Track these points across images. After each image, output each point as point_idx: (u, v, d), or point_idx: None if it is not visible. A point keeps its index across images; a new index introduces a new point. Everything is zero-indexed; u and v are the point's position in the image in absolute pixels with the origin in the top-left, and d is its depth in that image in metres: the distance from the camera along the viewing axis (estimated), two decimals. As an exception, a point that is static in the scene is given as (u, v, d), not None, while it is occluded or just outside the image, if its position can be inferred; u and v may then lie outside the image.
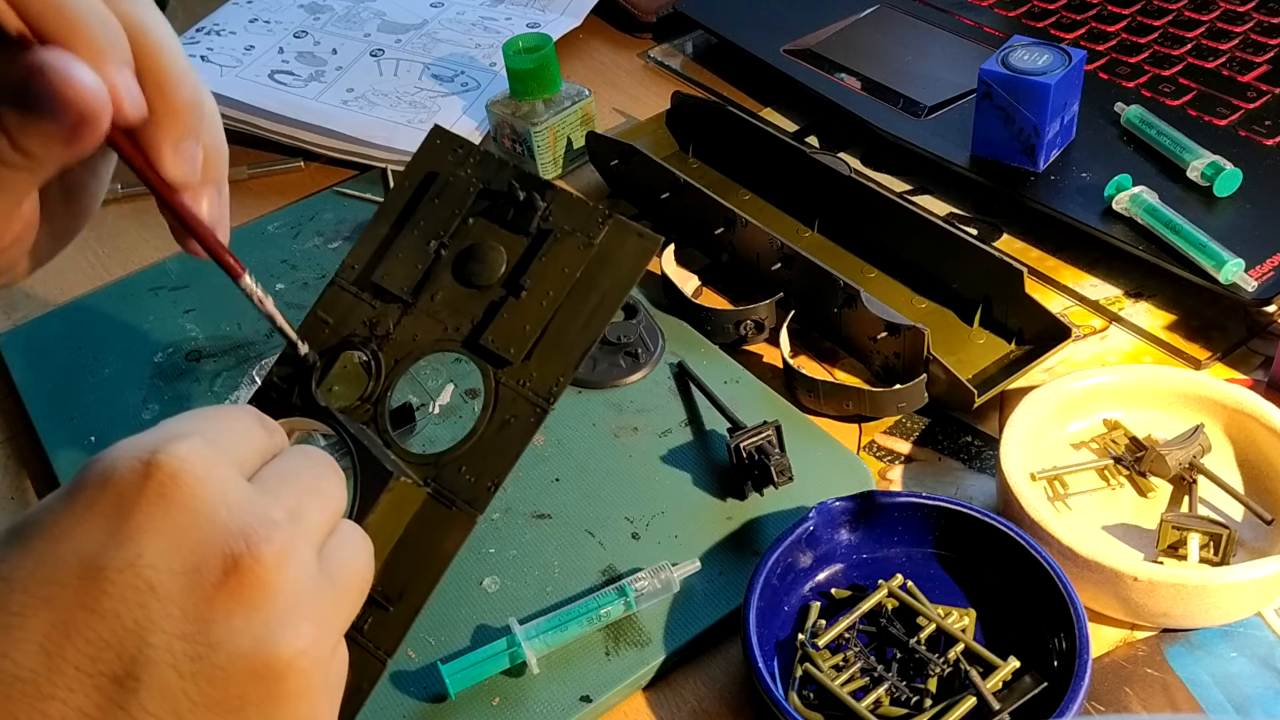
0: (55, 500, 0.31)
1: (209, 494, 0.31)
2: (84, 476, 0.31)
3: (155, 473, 0.30)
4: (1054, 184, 0.69)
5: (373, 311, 0.43)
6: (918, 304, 0.65)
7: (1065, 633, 0.46)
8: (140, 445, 0.31)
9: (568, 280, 0.41)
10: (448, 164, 0.44)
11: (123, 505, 0.30)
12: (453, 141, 0.44)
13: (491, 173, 0.43)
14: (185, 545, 0.30)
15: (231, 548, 0.30)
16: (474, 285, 0.42)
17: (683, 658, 0.51)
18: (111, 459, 0.31)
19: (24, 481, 0.64)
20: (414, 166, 0.45)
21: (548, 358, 0.40)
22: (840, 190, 0.69)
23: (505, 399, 0.41)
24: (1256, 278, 0.60)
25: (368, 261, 0.44)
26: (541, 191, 0.42)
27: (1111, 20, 0.82)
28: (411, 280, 0.43)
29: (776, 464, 0.54)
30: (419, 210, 0.44)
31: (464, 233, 0.43)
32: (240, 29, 0.95)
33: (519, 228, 0.42)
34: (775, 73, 0.83)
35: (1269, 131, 0.70)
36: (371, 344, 0.43)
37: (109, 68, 0.33)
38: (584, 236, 0.41)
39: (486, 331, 0.41)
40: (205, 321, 0.70)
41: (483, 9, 0.98)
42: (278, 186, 0.84)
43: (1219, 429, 0.55)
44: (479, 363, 0.41)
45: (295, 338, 0.42)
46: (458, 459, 0.40)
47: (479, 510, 0.40)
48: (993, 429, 0.59)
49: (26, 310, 0.75)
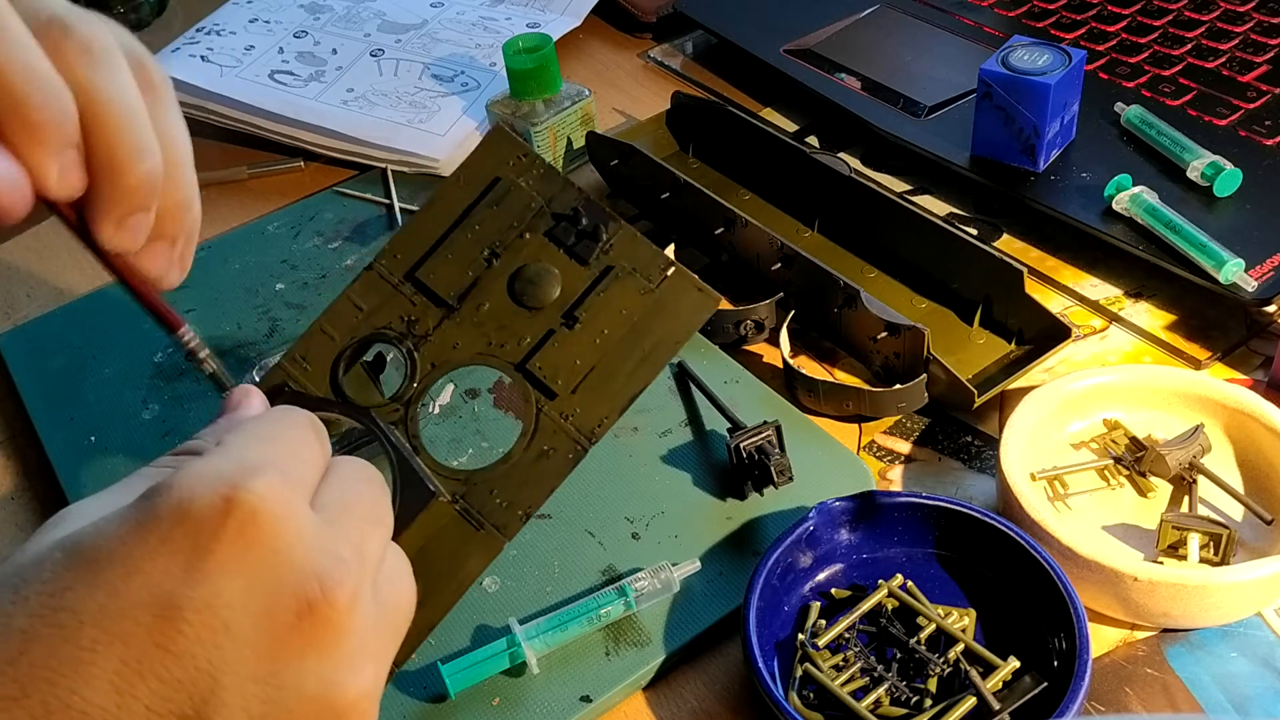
0: (124, 526, 0.29)
1: (285, 533, 0.30)
2: (157, 505, 0.29)
3: (235, 510, 0.29)
4: (1054, 184, 0.69)
5: (412, 309, 0.42)
6: (918, 304, 0.65)
7: (1065, 633, 0.46)
8: (218, 478, 0.30)
9: (624, 322, 0.40)
10: (509, 170, 0.43)
11: (200, 541, 0.29)
12: (516, 148, 0.43)
13: (555, 190, 0.42)
14: (261, 586, 0.30)
15: (306, 590, 0.30)
16: (524, 305, 0.41)
17: (683, 658, 0.51)
18: (188, 489, 0.30)
19: (24, 481, 0.64)
20: (475, 166, 0.43)
21: (593, 396, 0.40)
22: (840, 190, 0.69)
23: (545, 429, 0.40)
24: (1256, 278, 0.60)
25: (413, 255, 0.42)
26: (606, 223, 0.42)
27: (1111, 20, 0.82)
28: (459, 285, 0.42)
29: (776, 464, 0.54)
30: (475, 214, 0.42)
31: (519, 247, 0.42)
32: (240, 29, 0.95)
33: (578, 256, 0.41)
34: (775, 73, 0.83)
35: (1269, 131, 0.70)
36: (407, 342, 0.42)
37: (43, 150, 0.33)
38: (645, 280, 0.41)
39: (535, 358, 0.41)
40: (205, 321, 0.70)
41: (483, 9, 0.98)
42: (278, 186, 0.84)
43: (1219, 429, 0.55)
44: (525, 388, 0.41)
45: (230, 387, 0.41)
46: (490, 480, 0.40)
47: (507, 536, 0.40)
48: (993, 429, 0.59)
49: (26, 310, 0.75)
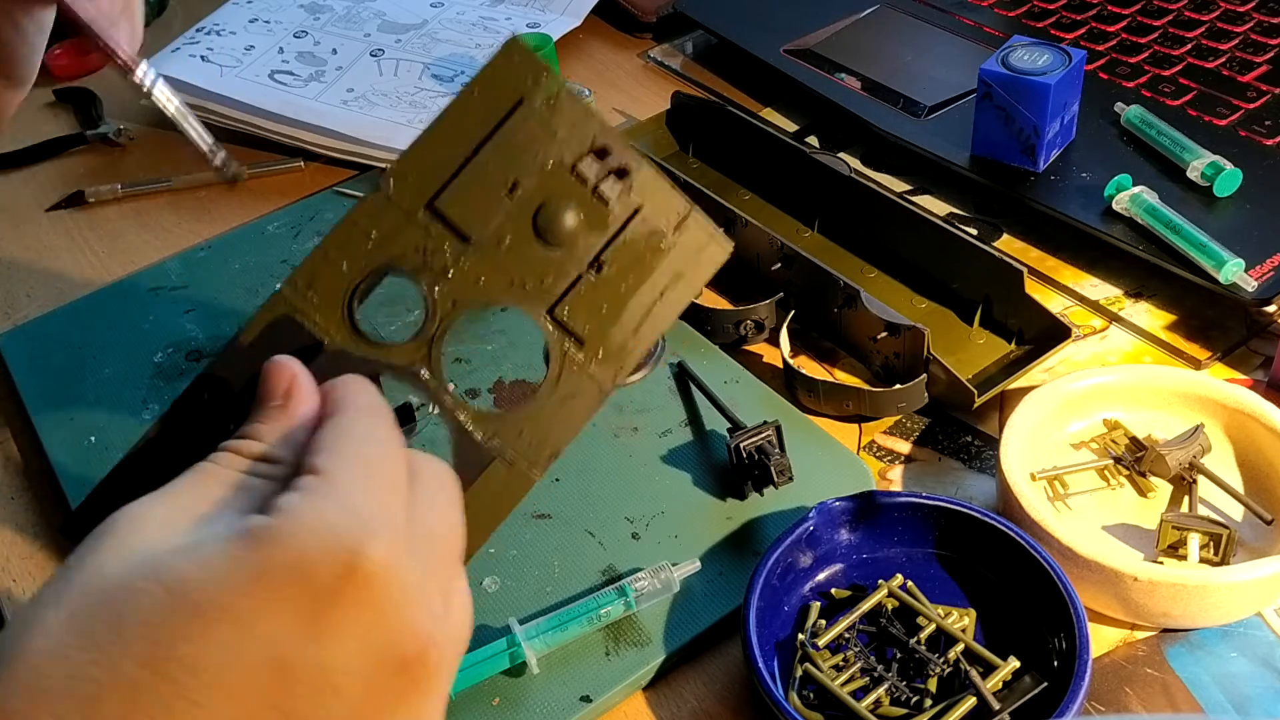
0: (237, 575, 0.29)
1: (394, 594, 0.30)
2: (274, 558, 0.29)
3: (353, 575, 0.29)
4: (1054, 184, 0.69)
5: (427, 239, 0.39)
6: (918, 304, 0.65)
7: (1065, 633, 0.46)
8: (336, 539, 0.30)
9: (646, 268, 0.39)
10: (528, 92, 0.39)
11: (317, 603, 0.29)
12: (534, 67, 0.39)
13: (577, 117, 0.39)
14: (370, 648, 0.30)
15: (406, 650, 0.30)
16: (547, 241, 0.39)
17: (683, 658, 0.51)
18: (307, 547, 0.29)
19: (24, 481, 0.64)
20: (491, 81, 0.39)
21: (615, 340, 0.39)
22: (840, 190, 0.69)
23: (571, 372, 0.39)
24: (1256, 278, 0.60)
25: (427, 181, 0.39)
26: (630, 160, 0.39)
27: (1111, 20, 0.82)
28: (480, 217, 0.39)
29: (776, 464, 0.54)
30: (495, 139, 0.39)
31: (542, 179, 0.39)
32: (240, 29, 0.95)
33: (601, 195, 0.39)
34: (775, 73, 0.83)
35: (1269, 131, 0.70)
36: (424, 276, 0.39)
37: None
38: (664, 226, 0.39)
39: (563, 303, 0.39)
40: (205, 321, 0.70)
41: (483, 9, 0.98)
42: (278, 186, 0.84)
43: (1219, 429, 0.55)
44: (553, 333, 0.39)
45: (209, 143, 0.40)
46: (518, 421, 0.39)
47: (537, 473, 0.39)
48: (993, 429, 0.59)
49: (26, 310, 0.75)
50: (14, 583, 0.59)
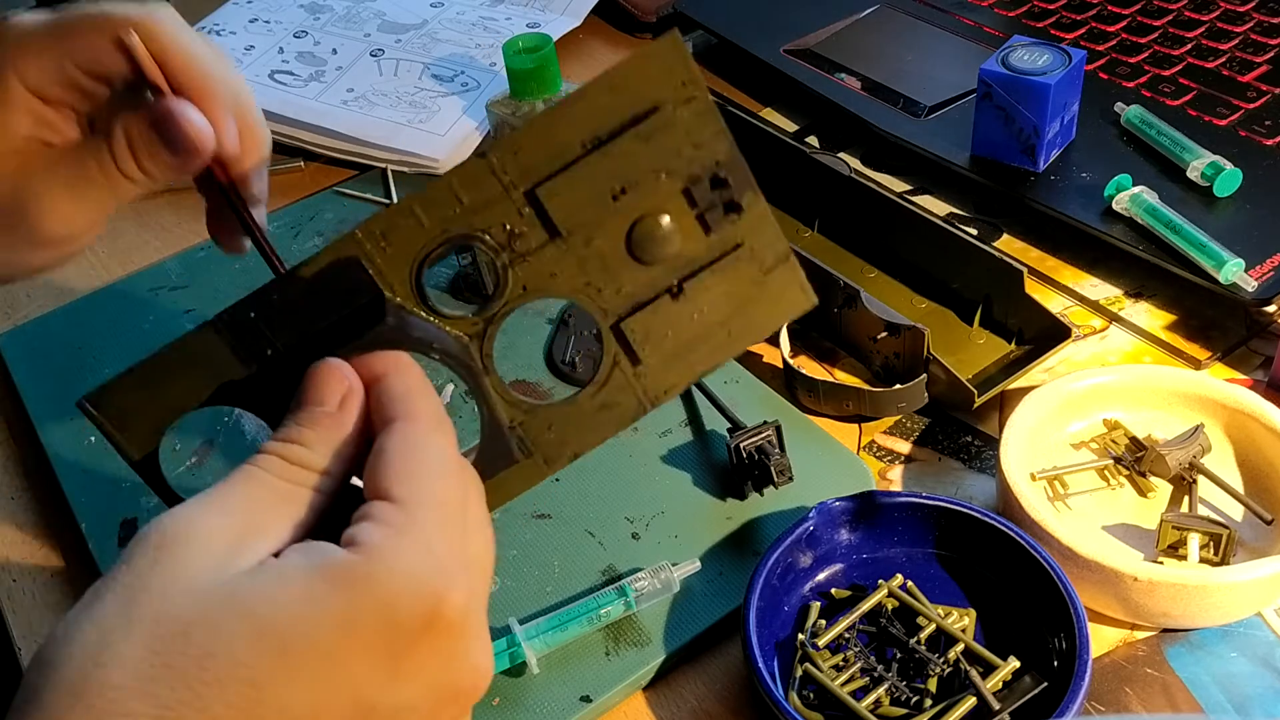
0: (325, 620, 0.29)
1: (468, 637, 0.32)
2: (360, 605, 0.29)
3: (436, 622, 0.30)
4: (1054, 184, 0.69)
5: (519, 220, 0.37)
6: (918, 304, 0.65)
7: (1065, 633, 0.46)
8: (421, 586, 0.30)
9: (725, 304, 0.38)
10: (670, 97, 0.36)
11: (399, 646, 0.30)
12: (685, 69, 0.36)
13: (708, 135, 0.36)
14: (440, 688, 0.31)
15: (463, 684, 0.32)
16: (636, 256, 0.37)
17: (683, 658, 0.51)
18: (391, 596, 0.30)
19: (24, 481, 0.64)
20: (635, 76, 0.36)
21: (669, 364, 0.38)
22: (840, 190, 0.69)
23: (616, 383, 0.38)
24: (1256, 278, 0.60)
25: (537, 164, 0.37)
26: (745, 192, 0.37)
27: (1111, 20, 0.82)
28: (575, 214, 0.37)
29: (776, 464, 0.54)
30: (618, 142, 0.36)
31: (651, 190, 0.37)
32: (240, 29, 0.95)
33: (707, 223, 0.37)
34: (775, 73, 0.83)
35: (1269, 131, 0.70)
36: (504, 255, 0.37)
37: (221, 110, 0.43)
38: (759, 266, 0.37)
39: (631, 319, 0.38)
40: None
41: (483, 9, 0.98)
42: (278, 186, 0.84)
43: (1219, 429, 0.55)
44: (613, 342, 0.38)
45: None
46: (550, 416, 0.38)
47: (552, 469, 0.39)
48: (993, 429, 0.59)
49: (26, 310, 0.75)
50: (14, 582, 0.59)
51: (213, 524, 0.31)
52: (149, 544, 0.30)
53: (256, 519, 0.31)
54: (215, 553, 0.30)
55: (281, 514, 0.32)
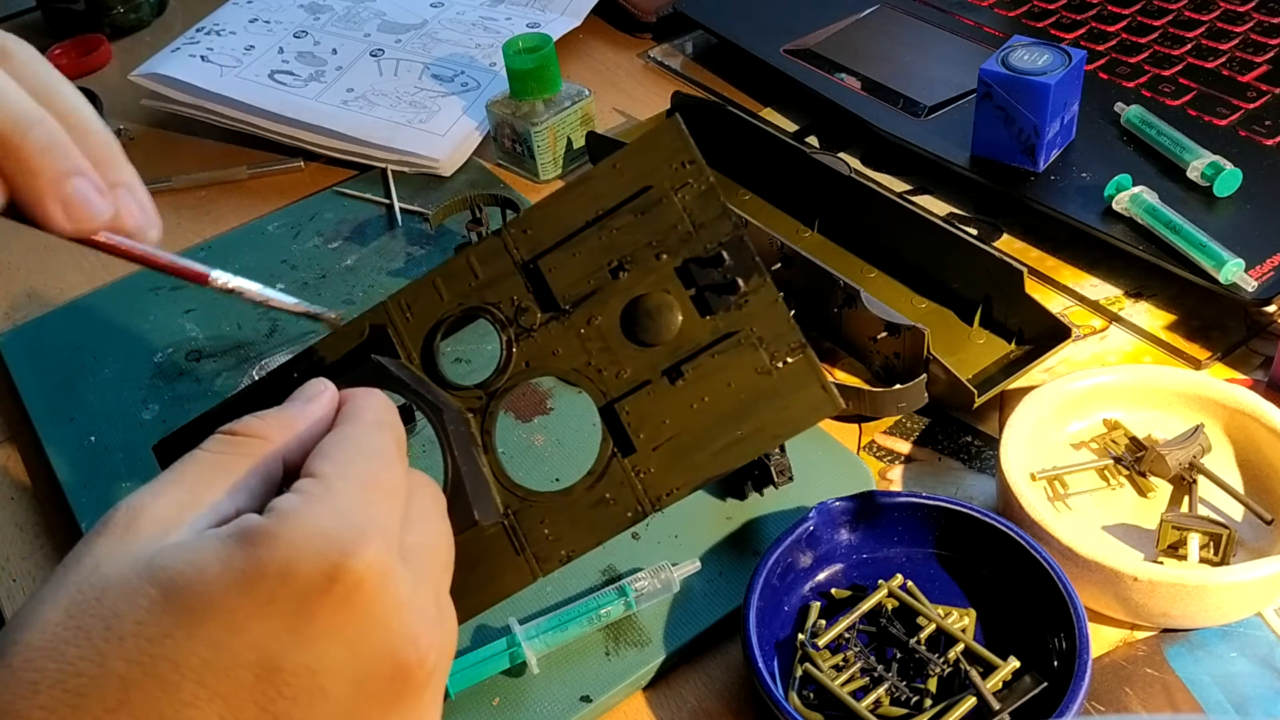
0: (226, 576, 0.29)
1: (385, 600, 0.31)
2: (263, 561, 0.29)
3: (342, 577, 0.30)
4: (1054, 184, 0.69)
5: (526, 295, 0.38)
6: (918, 304, 0.65)
7: (1065, 633, 0.46)
8: (326, 543, 0.30)
9: (730, 397, 0.36)
10: (668, 175, 0.37)
11: (305, 606, 0.29)
12: (684, 151, 0.37)
13: (709, 216, 0.37)
14: (360, 653, 0.30)
15: (400, 656, 0.31)
16: (634, 337, 0.37)
17: (683, 658, 0.51)
18: (296, 551, 0.29)
19: (24, 481, 0.64)
20: (638, 156, 0.37)
21: (671, 462, 0.37)
22: (840, 190, 0.69)
23: (613, 477, 0.37)
24: (1256, 278, 0.60)
25: (543, 237, 0.38)
26: (748, 275, 0.36)
27: (1111, 20, 0.82)
28: (576, 290, 0.38)
29: (776, 464, 0.54)
30: (617, 216, 0.37)
31: (650, 269, 0.37)
32: (240, 29, 0.95)
33: (705, 305, 0.37)
34: (775, 73, 0.83)
35: (1269, 131, 0.70)
36: (510, 329, 0.38)
37: None
38: (767, 358, 0.36)
39: (625, 401, 0.37)
40: (205, 321, 0.70)
41: (483, 9, 0.98)
42: (278, 186, 0.84)
43: (1219, 429, 0.55)
44: (604, 428, 0.37)
45: (306, 306, 0.40)
46: (544, 509, 0.38)
47: (544, 571, 0.38)
48: (993, 429, 0.59)
49: (26, 310, 0.75)
50: (14, 582, 0.59)
51: (155, 505, 0.31)
52: (106, 520, 0.31)
53: (198, 493, 0.32)
54: (149, 529, 0.30)
55: (221, 485, 0.33)
